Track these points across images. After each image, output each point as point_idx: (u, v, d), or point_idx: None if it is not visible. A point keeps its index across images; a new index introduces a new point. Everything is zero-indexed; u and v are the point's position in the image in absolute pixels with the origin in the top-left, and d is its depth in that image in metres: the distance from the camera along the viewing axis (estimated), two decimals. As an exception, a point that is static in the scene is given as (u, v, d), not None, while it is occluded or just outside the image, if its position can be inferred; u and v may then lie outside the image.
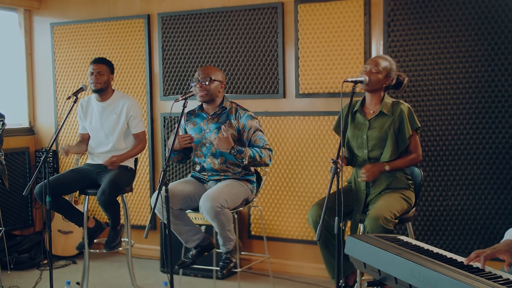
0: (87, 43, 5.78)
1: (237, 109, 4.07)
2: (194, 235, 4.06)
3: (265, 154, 3.94)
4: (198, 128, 4.09)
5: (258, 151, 3.92)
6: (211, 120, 4.05)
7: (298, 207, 5.02)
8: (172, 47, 5.37)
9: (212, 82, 3.97)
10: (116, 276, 5.12)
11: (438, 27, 4.43)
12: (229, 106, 4.08)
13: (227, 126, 3.96)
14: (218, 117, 4.05)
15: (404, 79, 3.81)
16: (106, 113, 4.54)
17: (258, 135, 4.01)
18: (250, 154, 3.88)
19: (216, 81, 3.99)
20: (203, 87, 3.96)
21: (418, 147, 3.72)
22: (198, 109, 4.15)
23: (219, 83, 4.03)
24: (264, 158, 3.93)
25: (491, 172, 4.39)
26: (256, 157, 3.90)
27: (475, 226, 4.46)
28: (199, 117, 4.13)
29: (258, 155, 3.91)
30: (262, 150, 3.95)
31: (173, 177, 5.44)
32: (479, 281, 2.09)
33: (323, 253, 3.66)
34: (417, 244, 2.67)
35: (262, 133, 4.05)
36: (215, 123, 4.04)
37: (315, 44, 4.84)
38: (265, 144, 4.00)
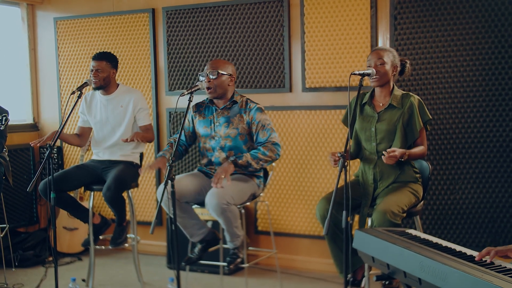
0: (91, 38, 5.75)
1: (247, 103, 4.03)
2: (199, 229, 4.04)
3: (267, 150, 3.89)
4: (208, 121, 4.06)
5: (258, 151, 3.89)
6: (221, 114, 4.02)
7: (306, 201, 4.99)
8: (177, 42, 5.34)
9: (220, 76, 3.93)
10: (122, 273, 5.11)
11: (445, 20, 4.39)
12: (239, 100, 4.04)
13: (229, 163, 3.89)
14: (228, 111, 4.02)
15: (406, 62, 3.77)
16: (111, 106, 4.51)
17: (265, 128, 3.96)
18: (251, 155, 3.87)
19: (224, 75, 3.94)
20: (211, 81, 3.92)
21: (424, 140, 3.67)
22: (207, 102, 4.11)
23: (228, 76, 3.97)
24: (269, 154, 3.89)
25: (498, 166, 4.35)
26: (259, 156, 3.86)
27: (483, 219, 4.42)
28: (208, 109, 4.09)
29: (261, 154, 3.87)
30: (262, 148, 3.91)
31: (180, 171, 5.41)
32: (489, 274, 2.08)
33: (331, 247, 3.64)
34: (426, 237, 2.65)
35: (270, 127, 4.00)
36: (225, 117, 4.00)
37: (321, 37, 4.80)
38: (270, 138, 3.94)
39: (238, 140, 3.98)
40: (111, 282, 4.87)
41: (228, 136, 3.97)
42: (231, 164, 3.80)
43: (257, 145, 3.98)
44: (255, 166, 3.88)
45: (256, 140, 3.99)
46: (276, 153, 3.92)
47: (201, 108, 4.13)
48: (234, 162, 3.82)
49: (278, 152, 3.94)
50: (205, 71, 3.96)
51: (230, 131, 3.97)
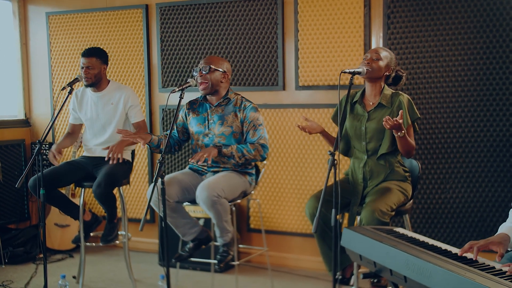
0: (84, 33, 5.72)
1: (242, 101, 4.02)
2: (191, 228, 4.03)
3: (253, 149, 3.91)
4: (202, 118, 4.04)
5: (245, 146, 3.91)
6: (215, 111, 4.01)
7: (298, 200, 4.99)
8: (171, 38, 5.33)
9: (212, 72, 3.92)
10: (113, 270, 5.10)
11: (438, 19, 4.39)
12: (233, 98, 4.03)
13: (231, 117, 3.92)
14: (222, 109, 4.01)
15: (403, 74, 3.76)
16: (102, 103, 4.49)
17: (257, 129, 3.96)
18: (237, 148, 3.88)
19: (217, 71, 3.93)
20: (203, 76, 3.91)
21: (413, 138, 3.66)
22: (201, 99, 4.09)
23: (221, 73, 3.96)
24: (254, 154, 3.91)
25: (488, 165, 4.37)
26: (244, 152, 3.88)
27: (473, 218, 4.43)
28: (202, 107, 4.08)
29: (246, 150, 3.89)
30: (250, 145, 3.92)
31: (170, 169, 5.40)
32: (472, 272, 2.09)
33: (320, 245, 3.64)
34: (412, 236, 2.65)
35: (262, 127, 4.00)
36: (219, 114, 3.99)
37: (315, 35, 4.79)
38: (259, 139, 3.95)
39: (232, 139, 3.97)
40: (101, 279, 4.86)
41: (222, 134, 3.97)
42: (215, 149, 3.83)
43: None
44: (237, 160, 3.89)
45: (245, 139, 3.99)
46: (261, 154, 3.94)
47: (195, 105, 4.11)
48: (218, 148, 3.84)
49: (264, 154, 3.96)
50: (199, 66, 3.95)
51: (224, 129, 3.96)
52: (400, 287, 2.60)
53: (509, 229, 2.56)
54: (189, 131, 4.13)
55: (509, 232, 2.53)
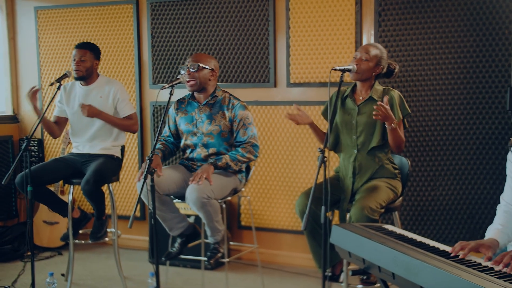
0: (74, 29, 5.67)
1: (230, 99, 4.00)
2: (179, 222, 4.01)
3: (245, 152, 3.91)
4: (190, 118, 4.03)
5: (237, 152, 3.92)
6: (203, 110, 3.99)
7: (288, 197, 4.98)
8: (161, 34, 5.30)
9: (201, 70, 3.90)
10: (102, 267, 5.08)
11: (429, 17, 4.39)
12: (221, 96, 4.01)
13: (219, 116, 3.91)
14: (210, 107, 3.99)
15: (395, 67, 3.76)
16: (90, 97, 4.45)
17: (246, 127, 3.95)
18: (230, 157, 3.89)
19: (205, 69, 3.92)
20: (191, 74, 3.89)
21: (403, 134, 3.66)
22: (189, 97, 4.08)
23: (209, 71, 3.94)
24: (248, 156, 3.93)
25: (478, 163, 4.38)
26: (238, 158, 3.90)
27: (462, 216, 4.45)
28: (190, 105, 4.06)
29: (239, 155, 3.90)
30: (241, 150, 3.92)
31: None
32: (459, 268, 2.09)
33: (310, 242, 3.64)
34: (401, 233, 2.65)
35: (252, 126, 3.99)
36: (208, 113, 3.97)
37: (306, 33, 4.78)
38: (249, 138, 3.95)
39: (220, 138, 3.96)
40: (91, 277, 4.84)
41: (211, 133, 3.95)
42: (211, 166, 3.82)
43: (236, 143, 3.98)
44: (234, 168, 3.92)
45: (235, 138, 3.98)
46: (254, 154, 3.96)
47: (183, 104, 4.10)
48: (214, 164, 3.83)
49: (256, 153, 3.98)
50: (186, 64, 3.93)
51: (212, 128, 3.95)
52: (388, 284, 2.60)
53: (496, 233, 2.57)
54: (179, 131, 4.12)
55: (497, 237, 2.55)
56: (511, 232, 2.60)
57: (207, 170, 3.77)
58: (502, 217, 2.66)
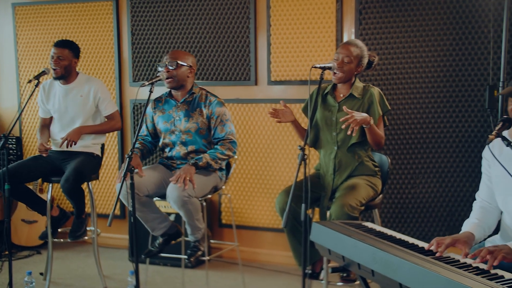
0: (52, 26, 5.60)
1: (207, 96, 3.99)
2: (161, 223, 3.99)
3: (224, 149, 3.92)
4: (167, 116, 4.01)
5: (216, 150, 3.91)
6: (181, 108, 3.97)
7: (269, 195, 4.98)
8: (141, 32, 5.26)
9: (179, 67, 3.89)
10: (82, 266, 5.04)
11: (409, 15, 4.41)
12: (198, 93, 4.00)
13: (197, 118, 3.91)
14: (188, 105, 3.97)
15: (374, 58, 3.76)
16: (71, 96, 4.41)
17: (224, 124, 3.95)
18: (210, 156, 3.89)
19: (183, 66, 3.91)
20: (170, 72, 3.87)
21: (383, 130, 3.67)
22: (166, 96, 4.06)
23: (188, 67, 3.93)
24: (227, 153, 3.93)
25: (457, 160, 4.42)
26: (218, 156, 3.90)
27: (442, 213, 4.48)
28: (168, 104, 4.04)
29: (219, 153, 3.90)
30: (220, 147, 3.92)
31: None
32: (437, 265, 2.11)
33: (290, 240, 3.64)
34: (381, 230, 2.66)
35: (230, 122, 3.99)
36: (185, 111, 3.96)
37: (287, 30, 4.78)
38: (227, 135, 3.95)
39: (198, 135, 3.95)
40: (70, 276, 4.80)
41: (188, 130, 3.94)
42: (192, 167, 3.81)
43: (214, 140, 3.98)
44: (214, 166, 3.92)
45: (213, 135, 3.97)
46: (233, 151, 3.97)
47: (160, 103, 4.08)
48: (194, 164, 3.82)
49: (235, 150, 3.99)
50: (163, 61, 3.91)
51: (190, 126, 3.94)
52: (368, 281, 2.61)
53: (473, 227, 2.61)
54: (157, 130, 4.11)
55: (473, 230, 2.58)
56: (487, 226, 2.65)
57: (189, 171, 3.75)
58: (478, 212, 2.70)
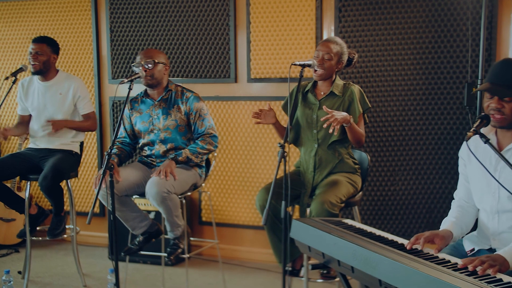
0: (30, 22, 5.53)
1: (183, 92, 3.99)
2: (141, 221, 3.98)
3: (205, 144, 3.91)
4: (145, 116, 4.00)
5: (196, 145, 3.91)
6: (159, 106, 3.96)
7: (249, 192, 4.98)
8: (121, 28, 5.23)
9: (156, 65, 3.89)
10: (61, 265, 5.00)
11: (388, 13, 4.43)
12: (174, 90, 3.99)
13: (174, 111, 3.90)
14: (165, 102, 3.96)
15: (354, 56, 3.78)
16: (50, 93, 4.38)
17: (203, 118, 3.95)
18: (190, 151, 3.89)
19: (160, 64, 3.91)
20: (148, 71, 3.86)
21: (363, 128, 3.69)
22: (142, 95, 4.05)
23: (163, 65, 3.95)
24: (208, 147, 3.93)
25: (436, 158, 4.45)
26: (198, 151, 3.90)
27: (421, 210, 4.51)
28: (144, 104, 4.03)
29: (199, 148, 3.90)
30: (200, 142, 3.92)
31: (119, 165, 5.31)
32: (416, 261, 2.13)
33: (270, 237, 3.64)
34: (360, 227, 2.67)
35: (208, 116, 3.99)
36: (163, 109, 3.95)
37: (267, 28, 4.78)
38: (207, 129, 3.96)
39: (177, 132, 3.95)
40: (48, 274, 4.75)
41: (167, 128, 3.93)
42: (172, 161, 3.81)
43: (196, 135, 3.97)
44: (195, 161, 3.92)
45: (194, 130, 3.96)
46: (214, 145, 3.97)
47: (136, 104, 4.06)
48: (174, 159, 3.83)
49: (216, 144, 3.99)
50: (138, 61, 3.89)
51: (168, 123, 3.93)
52: (348, 277, 2.62)
53: (451, 225, 2.64)
54: (135, 131, 4.09)
55: (451, 229, 2.61)
56: (464, 225, 2.67)
57: (170, 166, 3.75)
58: (456, 211, 2.73)
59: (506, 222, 2.49)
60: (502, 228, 2.48)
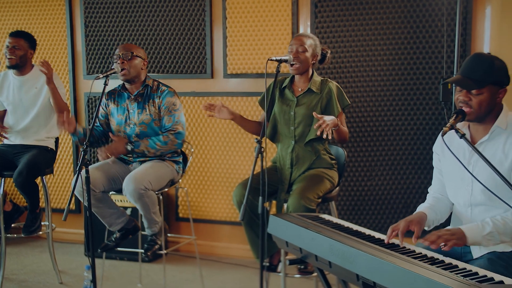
0: (3, 17, 5.46)
1: (159, 86, 3.97)
2: (118, 218, 3.96)
3: (167, 140, 3.85)
4: (122, 109, 3.97)
5: (157, 141, 3.85)
6: (135, 100, 3.94)
7: (226, 188, 4.98)
8: (96, 23, 5.18)
9: (134, 58, 3.86)
10: (37, 262, 4.95)
11: (364, 9, 4.45)
12: (151, 85, 3.97)
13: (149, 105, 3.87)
14: (141, 97, 3.94)
15: (327, 52, 3.80)
16: (25, 88, 4.35)
17: (172, 114, 3.91)
18: (149, 145, 3.83)
19: (138, 57, 3.88)
20: (125, 63, 3.83)
21: (345, 125, 3.72)
22: (120, 89, 4.02)
23: (141, 60, 3.92)
24: (169, 145, 3.86)
25: (412, 153, 4.49)
26: (157, 147, 3.84)
27: (397, 205, 4.55)
28: (121, 97, 4.00)
29: (159, 144, 3.84)
30: (163, 138, 3.86)
31: (96, 159, 5.27)
32: (393, 255, 2.14)
33: (248, 233, 3.65)
34: (337, 222, 2.68)
35: (179, 112, 3.94)
36: (139, 103, 3.93)
37: (243, 23, 4.77)
38: (174, 125, 3.90)
39: (153, 126, 3.92)
40: (24, 271, 4.71)
41: (143, 122, 3.91)
42: (123, 148, 3.78)
43: (162, 130, 3.93)
44: (148, 155, 3.88)
45: (161, 125, 3.94)
46: (176, 143, 3.89)
47: (114, 95, 4.03)
48: (130, 149, 3.80)
49: (179, 141, 3.90)
50: (117, 53, 3.86)
51: (144, 117, 3.91)
52: (325, 272, 2.63)
53: (425, 209, 2.68)
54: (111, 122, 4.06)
55: (425, 211, 2.65)
56: (439, 211, 2.71)
57: (117, 149, 3.76)
58: (431, 199, 2.79)
59: (479, 215, 2.52)
60: (475, 221, 2.52)
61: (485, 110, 2.48)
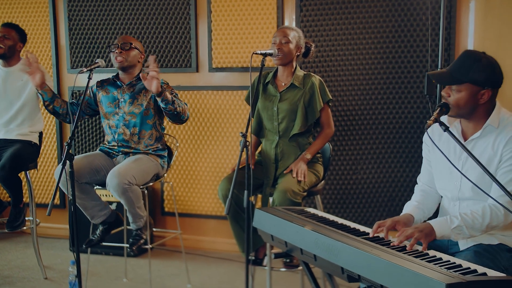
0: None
1: None
2: (101, 210, 3.94)
3: (183, 103, 3.77)
4: (112, 97, 3.96)
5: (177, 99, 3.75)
6: (127, 90, 3.93)
7: (212, 182, 4.97)
8: (79, 17, 5.13)
9: (132, 49, 3.91)
10: (21, 257, 4.92)
11: (349, 2, 4.45)
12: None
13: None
14: (133, 88, 3.93)
15: (311, 46, 3.81)
16: (11, 79, 4.32)
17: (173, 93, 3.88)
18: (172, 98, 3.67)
19: (136, 49, 3.93)
20: (123, 52, 3.87)
21: (330, 120, 3.74)
22: (113, 78, 4.01)
23: (139, 52, 3.96)
24: (184, 108, 3.74)
25: (397, 146, 4.50)
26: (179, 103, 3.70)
27: (383, 198, 4.56)
28: (113, 85, 3.99)
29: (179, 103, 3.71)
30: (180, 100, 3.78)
31: (80, 152, 5.24)
32: (378, 248, 2.14)
33: (233, 227, 3.64)
34: (323, 215, 2.68)
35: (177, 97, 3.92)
36: (130, 93, 3.92)
37: (228, 17, 4.76)
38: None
39: (143, 116, 3.91)
40: (8, 267, 4.67)
41: (132, 112, 3.90)
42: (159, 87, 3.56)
43: None
44: (173, 106, 3.65)
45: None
46: (187, 113, 3.78)
47: (105, 83, 4.03)
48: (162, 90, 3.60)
49: (188, 114, 3.81)
50: (115, 43, 3.92)
51: (134, 108, 3.90)
52: (310, 265, 2.64)
53: (412, 209, 2.68)
54: (96, 109, 4.08)
55: (412, 212, 2.66)
56: (426, 208, 2.72)
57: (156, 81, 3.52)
58: (418, 195, 2.77)
59: (466, 209, 2.53)
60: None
61: (464, 108, 2.46)
